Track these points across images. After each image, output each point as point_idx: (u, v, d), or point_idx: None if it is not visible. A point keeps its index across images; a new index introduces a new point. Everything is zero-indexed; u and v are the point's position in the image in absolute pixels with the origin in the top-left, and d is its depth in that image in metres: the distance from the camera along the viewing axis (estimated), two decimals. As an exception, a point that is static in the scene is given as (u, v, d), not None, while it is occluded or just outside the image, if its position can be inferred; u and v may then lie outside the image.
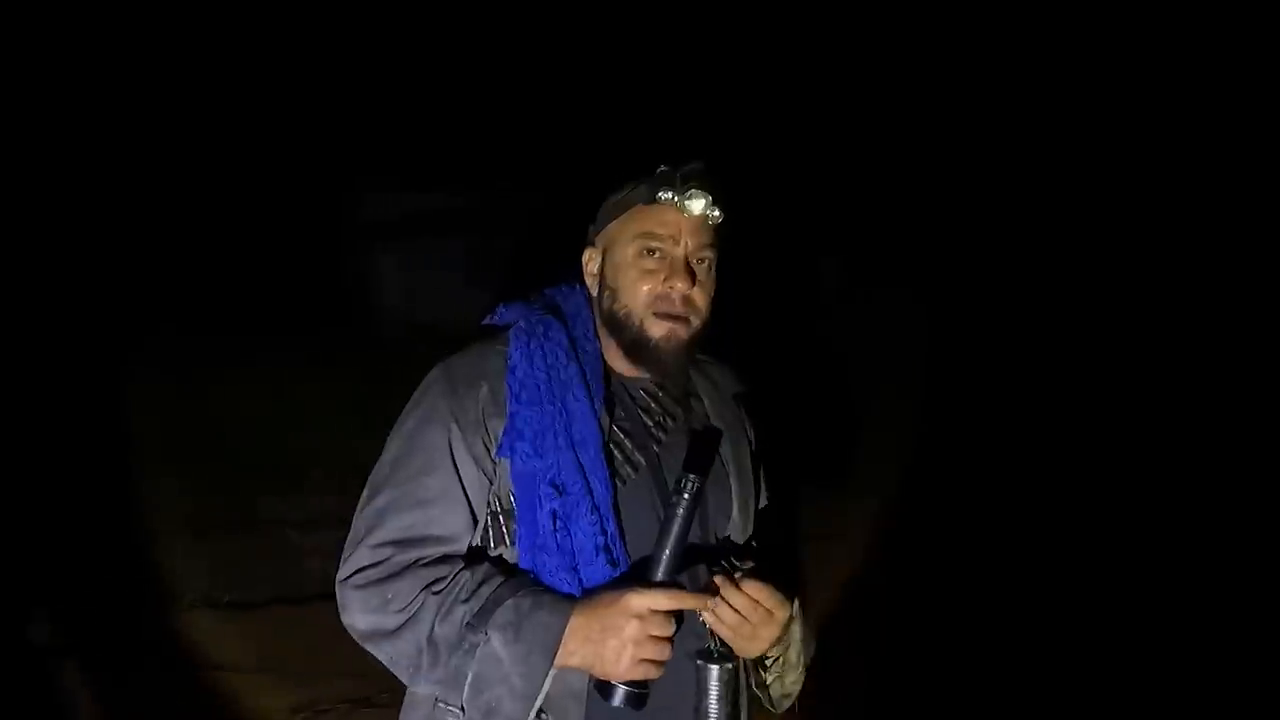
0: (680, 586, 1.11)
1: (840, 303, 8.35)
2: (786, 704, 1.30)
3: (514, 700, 1.05)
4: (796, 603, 1.17)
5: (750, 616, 1.11)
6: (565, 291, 1.32)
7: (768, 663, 1.23)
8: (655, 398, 1.28)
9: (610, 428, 1.20)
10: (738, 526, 1.28)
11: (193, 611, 3.77)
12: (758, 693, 1.28)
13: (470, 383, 1.19)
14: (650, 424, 1.25)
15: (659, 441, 1.25)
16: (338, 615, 1.16)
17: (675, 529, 1.08)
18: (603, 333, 1.27)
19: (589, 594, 1.10)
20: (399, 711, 1.24)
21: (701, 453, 1.26)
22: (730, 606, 1.11)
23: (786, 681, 1.26)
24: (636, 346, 1.22)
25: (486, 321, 1.31)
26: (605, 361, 1.27)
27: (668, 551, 1.09)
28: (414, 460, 1.17)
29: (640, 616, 1.04)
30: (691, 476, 1.09)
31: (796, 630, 1.20)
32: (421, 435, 1.18)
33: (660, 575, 1.09)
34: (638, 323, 1.21)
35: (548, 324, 1.24)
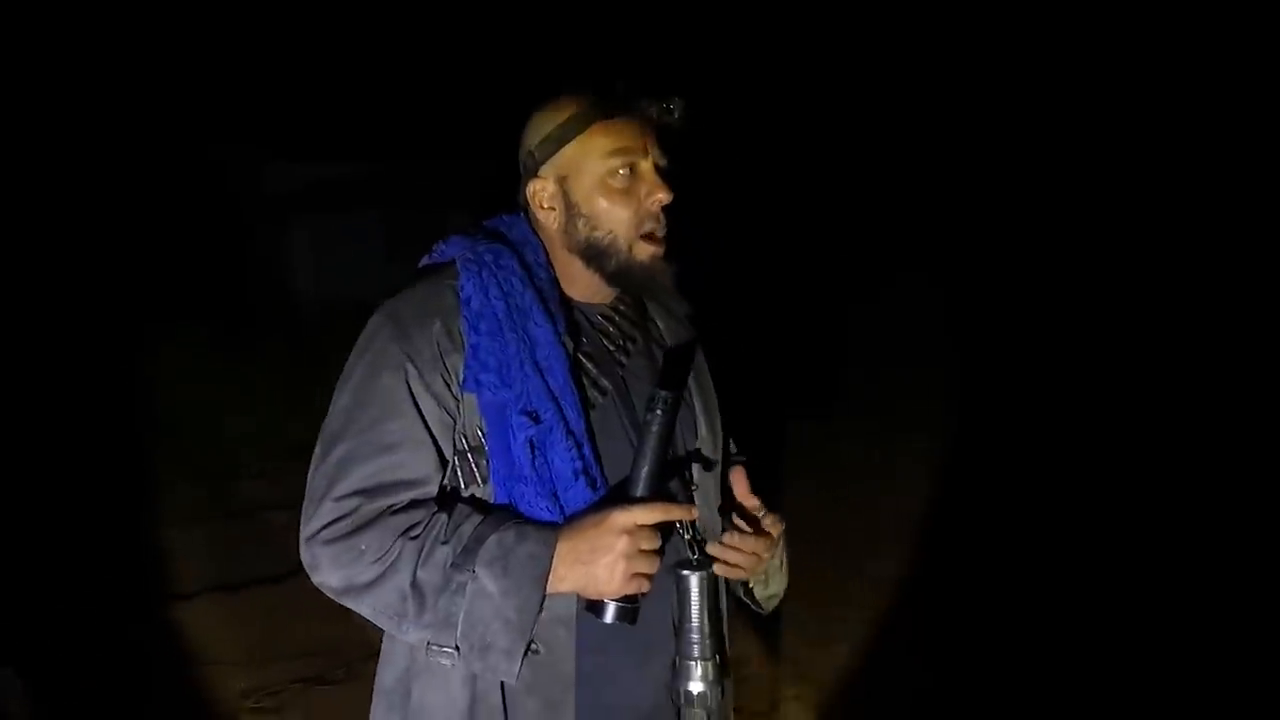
0: (664, 499, 1.13)
1: (862, 290, 8.25)
2: (773, 604, 1.36)
3: (508, 633, 1.07)
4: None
5: (763, 554, 1.21)
6: (508, 221, 1.28)
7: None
8: (613, 321, 1.28)
9: (575, 353, 1.20)
10: (707, 442, 1.31)
11: (131, 605, 3.67)
12: (743, 599, 1.34)
13: (421, 322, 1.15)
14: (612, 348, 1.25)
15: (621, 365, 1.25)
16: (276, 598, 1.14)
17: (651, 445, 1.10)
18: (560, 260, 1.25)
19: (570, 520, 1.12)
20: (353, 687, 1.23)
21: (674, 368, 1.28)
22: (743, 552, 1.19)
23: (771, 584, 1.32)
24: (624, 273, 1.21)
25: (425, 262, 1.28)
26: (560, 288, 1.25)
27: (646, 469, 1.11)
28: (370, 408, 1.14)
29: (628, 532, 1.06)
30: (664, 393, 1.10)
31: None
32: (374, 382, 1.14)
33: (641, 492, 1.11)
34: (625, 247, 1.19)
35: (497, 252, 1.20)
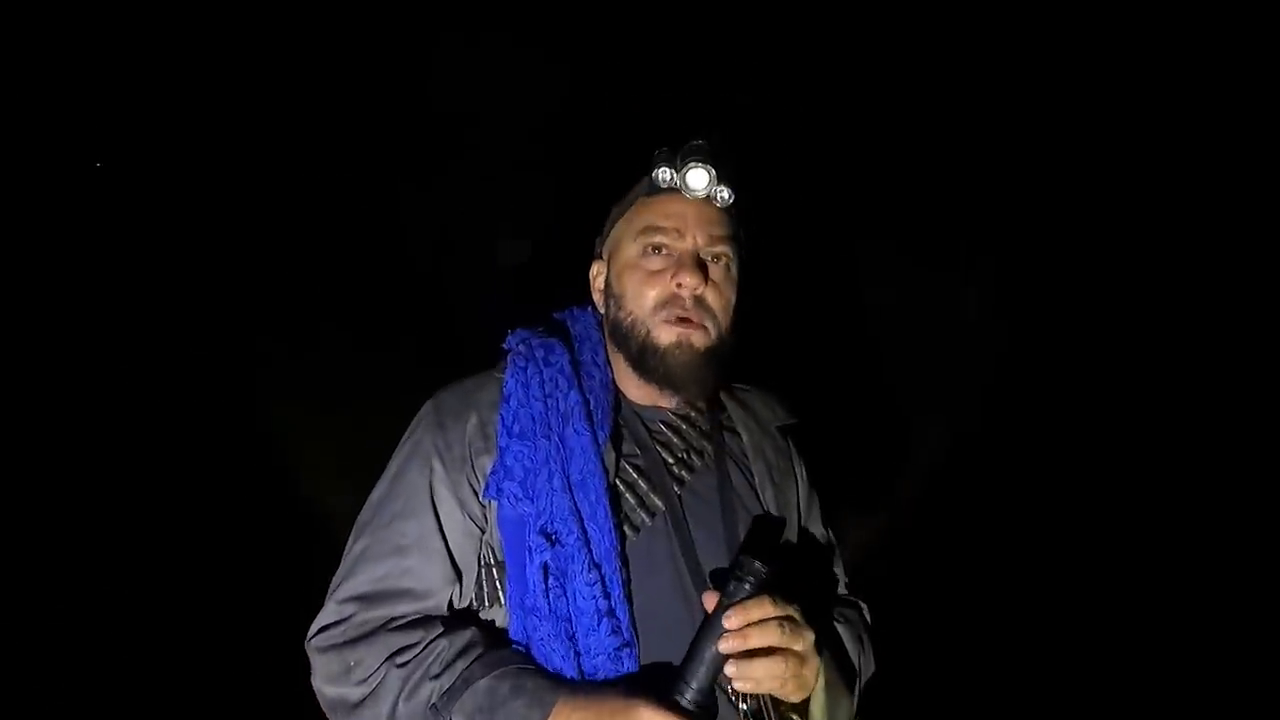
0: (711, 716, 0.91)
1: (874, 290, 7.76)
2: None
3: None
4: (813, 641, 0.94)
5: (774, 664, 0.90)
6: (575, 313, 1.19)
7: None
8: (678, 430, 1.10)
9: (619, 465, 1.04)
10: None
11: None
12: None
13: (458, 415, 1.06)
14: (671, 460, 1.07)
15: (681, 481, 1.07)
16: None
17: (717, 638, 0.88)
18: (614, 355, 1.12)
19: (588, 687, 0.93)
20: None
21: (765, 531, 1.06)
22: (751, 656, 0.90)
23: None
24: (644, 357, 1.07)
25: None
26: (619, 391, 1.11)
27: (704, 670, 0.88)
28: (394, 503, 1.05)
29: None
30: (756, 564, 0.88)
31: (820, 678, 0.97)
32: (404, 476, 1.06)
33: (690, 697, 0.88)
34: (644, 330, 1.06)
35: (549, 347, 1.09)
